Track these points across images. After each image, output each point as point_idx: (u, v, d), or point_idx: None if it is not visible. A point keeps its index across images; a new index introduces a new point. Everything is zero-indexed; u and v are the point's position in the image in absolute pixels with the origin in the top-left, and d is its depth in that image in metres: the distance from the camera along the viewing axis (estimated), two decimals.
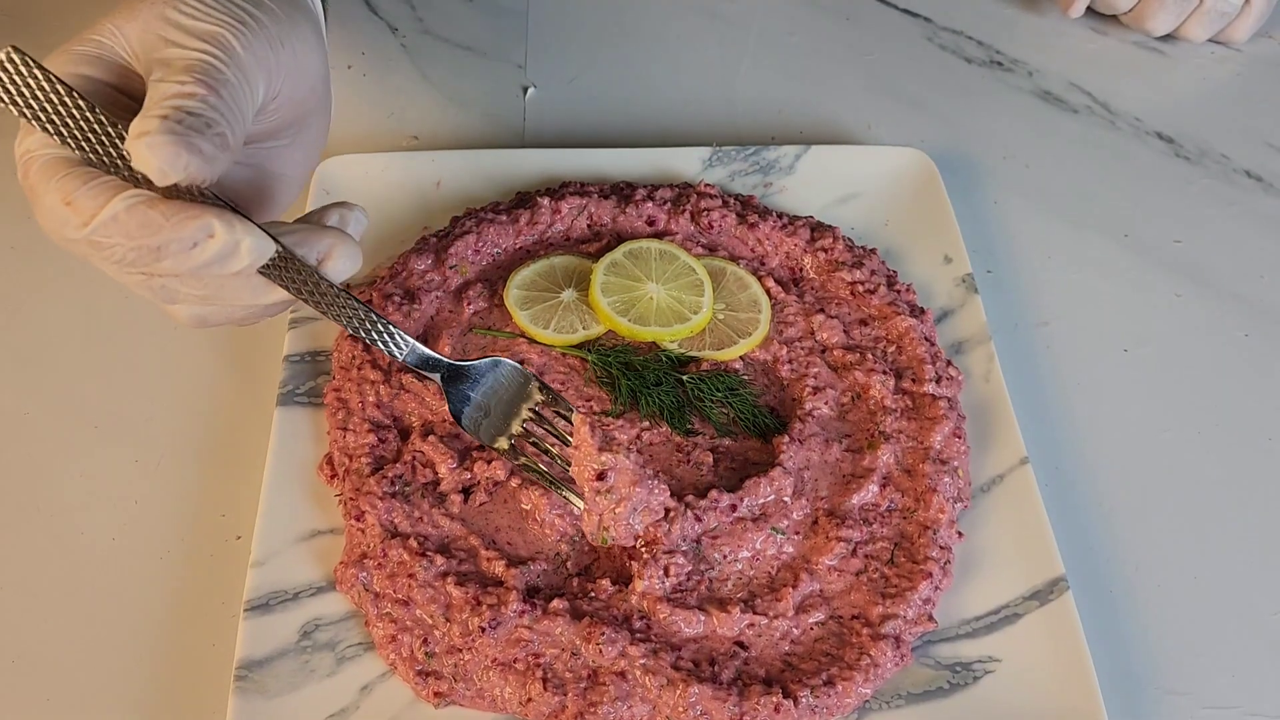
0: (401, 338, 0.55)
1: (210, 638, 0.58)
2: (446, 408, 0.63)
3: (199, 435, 0.65)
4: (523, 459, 0.59)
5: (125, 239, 0.46)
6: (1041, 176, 0.81)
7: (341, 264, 0.51)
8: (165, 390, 0.67)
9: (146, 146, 0.44)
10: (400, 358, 0.56)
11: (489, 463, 0.61)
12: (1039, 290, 0.74)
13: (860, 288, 0.69)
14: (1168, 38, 0.91)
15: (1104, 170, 0.82)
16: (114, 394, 0.67)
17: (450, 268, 0.69)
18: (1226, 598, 0.61)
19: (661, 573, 0.57)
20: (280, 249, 0.49)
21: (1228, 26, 0.90)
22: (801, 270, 0.71)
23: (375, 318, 0.54)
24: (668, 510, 0.58)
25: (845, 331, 0.68)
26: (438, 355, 0.58)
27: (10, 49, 0.46)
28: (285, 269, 0.50)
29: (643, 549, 0.58)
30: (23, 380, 0.67)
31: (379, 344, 0.55)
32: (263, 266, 0.49)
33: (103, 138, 0.47)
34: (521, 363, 0.65)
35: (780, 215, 0.73)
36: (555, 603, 0.56)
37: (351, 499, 0.59)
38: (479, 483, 0.60)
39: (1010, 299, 0.74)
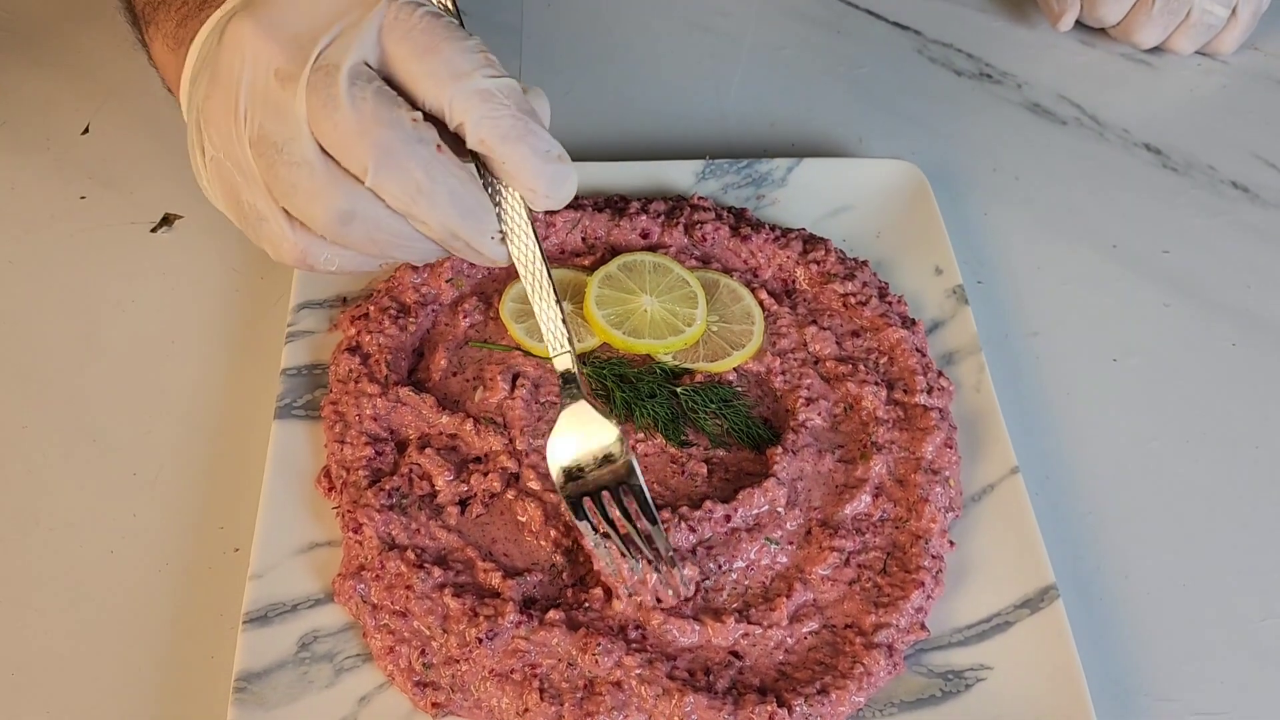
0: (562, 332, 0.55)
1: (209, 649, 0.58)
2: (443, 419, 0.64)
3: (197, 448, 0.65)
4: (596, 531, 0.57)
5: (449, 204, 0.49)
6: (1031, 188, 0.82)
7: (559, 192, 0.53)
8: (163, 404, 0.67)
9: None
10: (553, 354, 0.56)
11: (485, 475, 0.61)
12: (1029, 301, 0.75)
13: (852, 299, 0.70)
14: (1155, 50, 0.92)
15: (1092, 181, 0.83)
16: (112, 407, 0.67)
17: (446, 281, 0.69)
18: (1216, 605, 0.62)
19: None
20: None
21: (1214, 39, 0.91)
22: (794, 282, 0.72)
23: (559, 309, 0.55)
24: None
25: (837, 343, 0.68)
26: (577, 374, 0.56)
27: None
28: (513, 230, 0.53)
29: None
30: (21, 394, 0.68)
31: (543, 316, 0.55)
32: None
33: None
34: (515, 376, 0.66)
35: (773, 228, 0.74)
36: (551, 613, 0.56)
37: (349, 511, 0.60)
38: (475, 495, 0.61)
39: (1000, 310, 0.74)
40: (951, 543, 0.61)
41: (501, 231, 0.52)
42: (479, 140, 0.50)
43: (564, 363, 0.57)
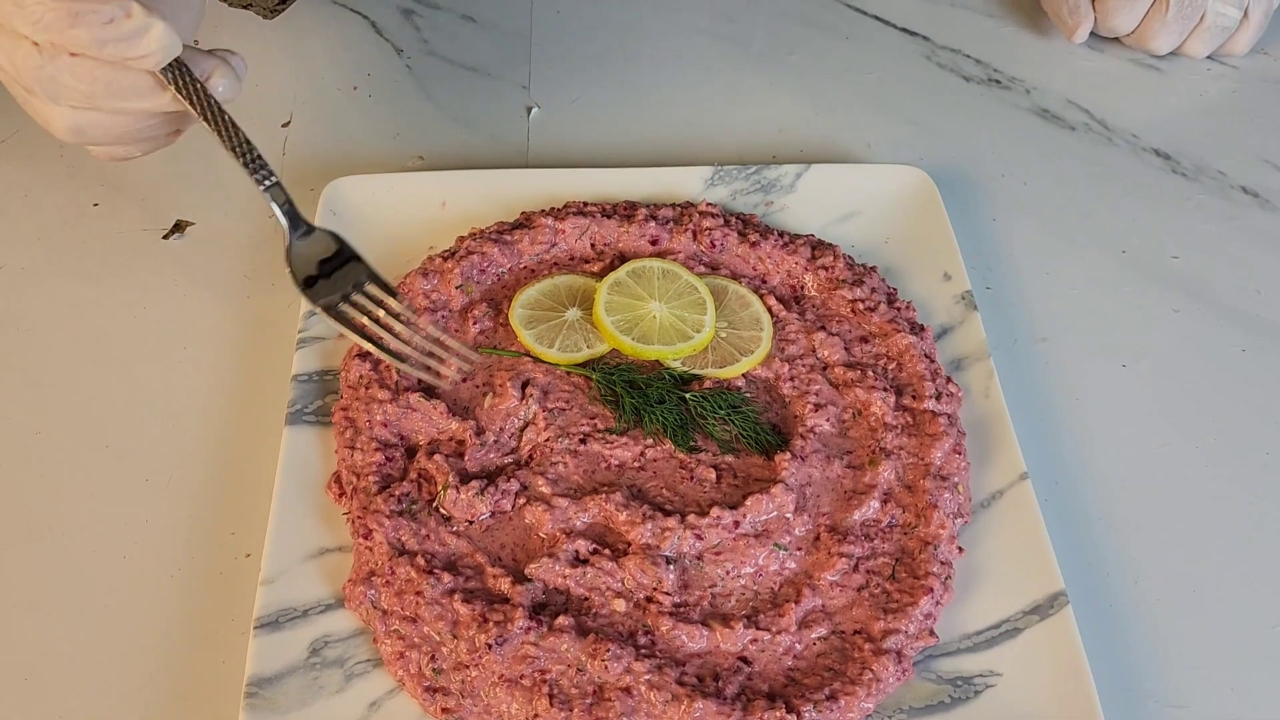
0: (268, 171, 0.61)
1: (221, 655, 0.58)
2: (453, 425, 0.64)
3: (208, 454, 0.66)
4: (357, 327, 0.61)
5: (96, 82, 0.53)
6: (1039, 193, 0.82)
7: (225, 82, 0.59)
8: (175, 410, 0.68)
9: None
10: (262, 187, 0.60)
11: (496, 486, 0.62)
12: (1037, 306, 0.75)
13: (861, 305, 0.70)
14: (1166, 54, 0.92)
15: (1101, 187, 0.83)
16: (124, 413, 0.68)
17: (456, 287, 0.70)
18: (1226, 611, 0.62)
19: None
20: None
21: (1228, 41, 0.91)
22: (802, 288, 0.72)
23: (248, 143, 0.60)
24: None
25: (846, 349, 0.69)
26: (292, 203, 0.62)
27: None
28: (178, 75, 0.56)
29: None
30: (34, 400, 0.68)
31: (247, 168, 0.60)
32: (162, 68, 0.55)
33: None
34: (525, 382, 0.66)
35: (781, 234, 0.74)
36: (561, 619, 0.56)
37: (359, 517, 0.60)
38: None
39: (1009, 315, 0.74)
40: (960, 549, 0.61)
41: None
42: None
43: (277, 195, 0.61)
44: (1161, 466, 0.68)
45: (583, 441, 0.64)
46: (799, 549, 0.61)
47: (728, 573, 0.60)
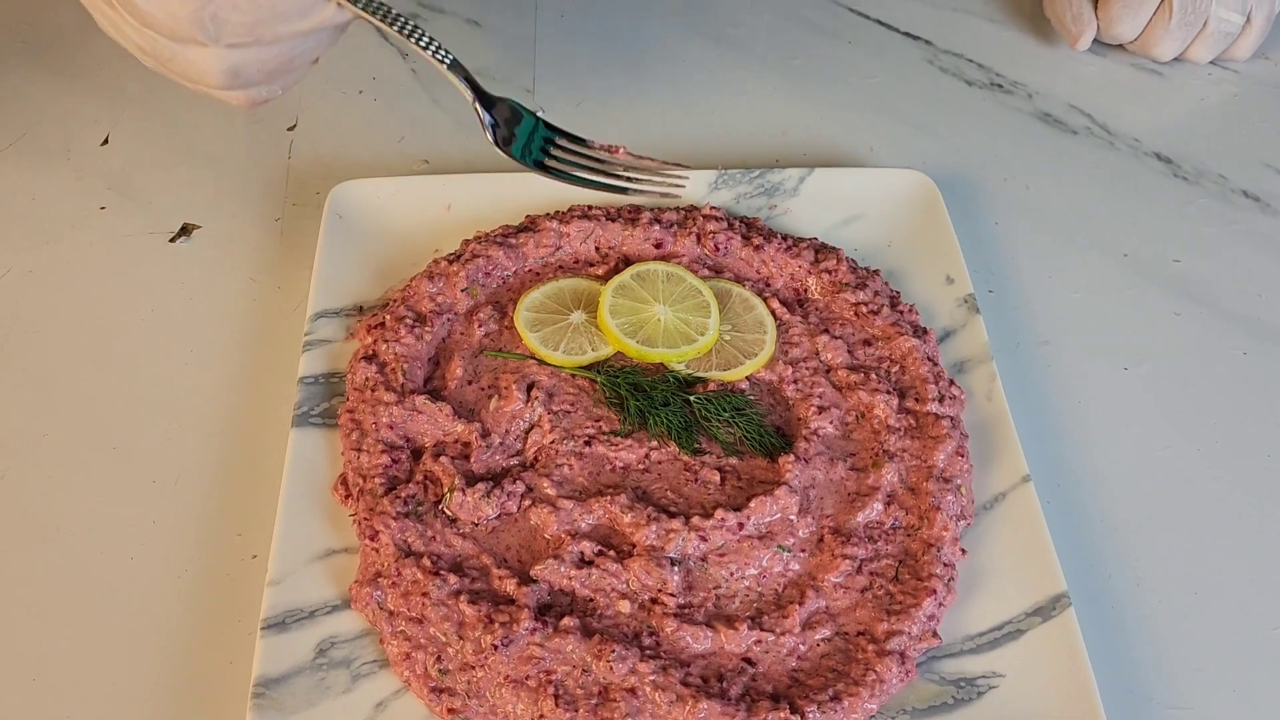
0: (445, 51, 0.64)
1: (228, 655, 0.59)
2: (458, 427, 0.64)
3: (215, 456, 0.66)
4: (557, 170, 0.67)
5: None
6: (1041, 197, 0.83)
7: None
8: (182, 412, 0.68)
9: None
10: (445, 64, 0.64)
11: (502, 488, 0.62)
12: (1040, 310, 0.75)
13: (864, 309, 0.70)
14: (1169, 60, 0.92)
15: (1103, 191, 0.83)
16: (131, 415, 0.68)
17: (462, 290, 0.70)
18: (1228, 613, 0.62)
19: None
20: None
21: (1230, 46, 0.91)
22: (806, 291, 0.73)
23: (417, 29, 0.62)
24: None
25: (849, 352, 0.69)
26: (472, 77, 0.65)
27: None
28: None
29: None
30: (41, 402, 0.69)
31: (426, 51, 0.63)
32: None
33: None
34: (531, 385, 0.66)
35: (784, 237, 0.74)
36: (566, 620, 0.57)
37: (365, 519, 0.61)
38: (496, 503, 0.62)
39: (1011, 319, 0.75)
40: (964, 550, 0.61)
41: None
42: None
43: (457, 70, 0.65)
44: (1163, 469, 0.68)
45: (588, 444, 0.64)
46: (803, 551, 0.61)
47: (732, 574, 0.60)
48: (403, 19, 0.61)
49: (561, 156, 0.69)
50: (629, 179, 0.71)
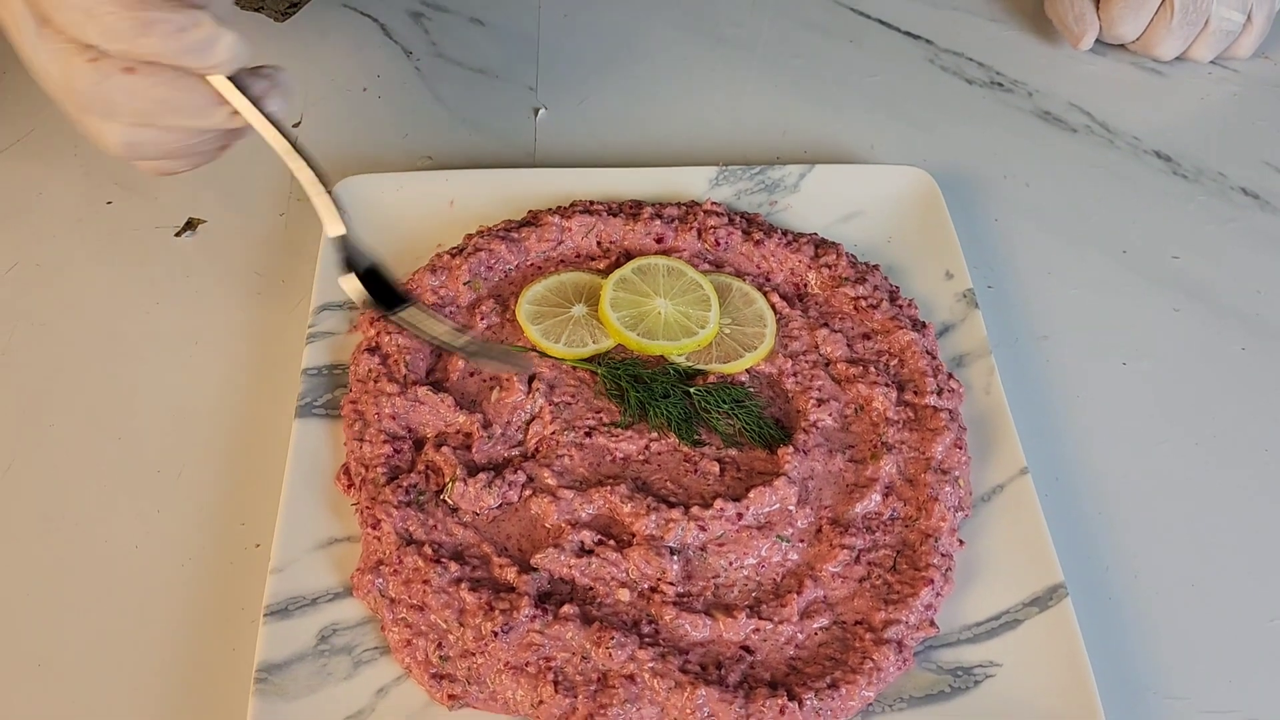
0: (327, 183, 0.61)
1: (231, 642, 0.59)
2: (460, 418, 0.65)
3: (219, 447, 0.67)
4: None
5: (123, 8, 0.52)
6: (1041, 194, 0.83)
7: (279, 102, 0.59)
8: (186, 403, 0.69)
9: None
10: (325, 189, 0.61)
11: (503, 478, 0.62)
12: (1039, 305, 0.76)
13: (863, 303, 0.71)
14: (1170, 59, 0.93)
15: (1102, 188, 0.84)
16: (136, 407, 0.69)
17: (465, 284, 0.71)
18: (1224, 605, 0.62)
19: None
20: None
21: (1231, 45, 0.92)
22: (806, 286, 0.73)
23: (309, 155, 0.60)
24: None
25: (848, 345, 0.69)
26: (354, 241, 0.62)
27: None
28: (238, 86, 0.57)
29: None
30: (48, 393, 0.69)
31: (318, 176, 0.60)
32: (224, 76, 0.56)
33: None
34: (532, 377, 0.67)
35: (785, 233, 0.75)
36: (566, 608, 0.57)
37: (367, 508, 0.61)
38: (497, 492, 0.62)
39: (1011, 314, 0.75)
40: (961, 541, 0.62)
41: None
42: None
43: (336, 229, 0.62)
44: (1161, 463, 0.68)
45: (588, 435, 0.65)
46: (801, 541, 0.61)
47: (731, 563, 0.60)
48: (294, 135, 0.60)
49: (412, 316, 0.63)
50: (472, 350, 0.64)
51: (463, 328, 0.65)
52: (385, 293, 0.62)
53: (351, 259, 0.62)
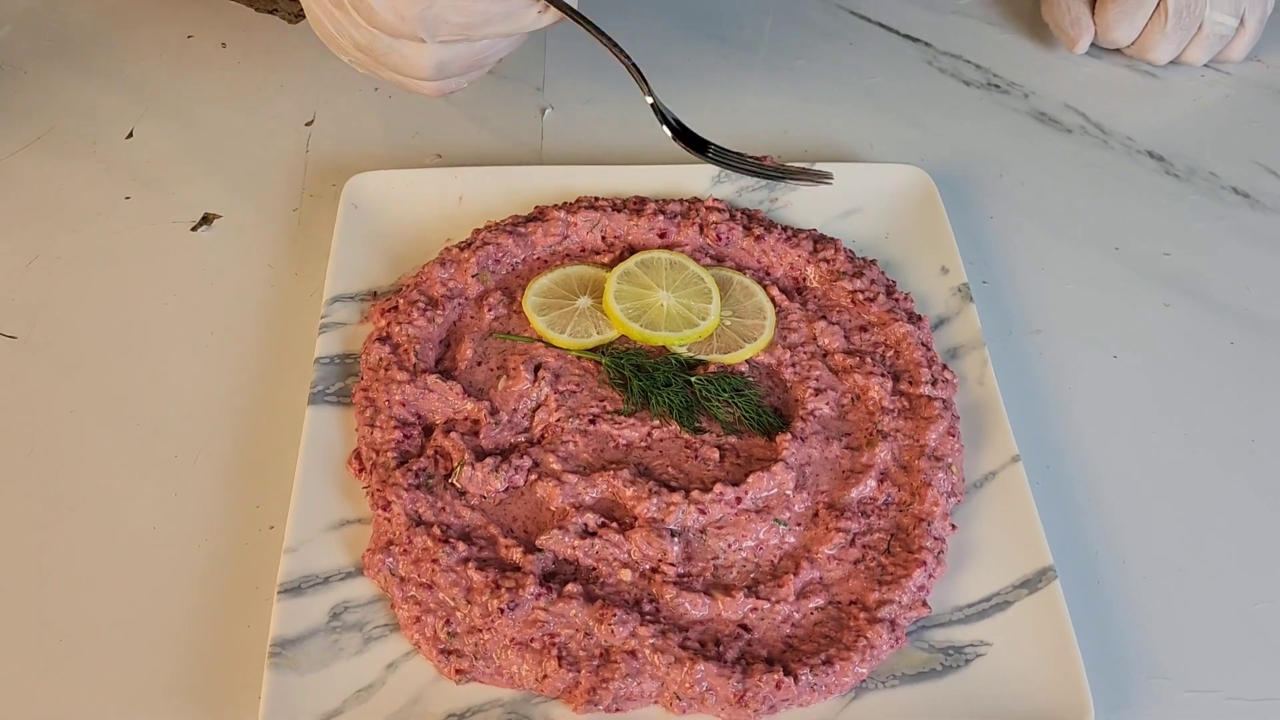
0: (642, 80, 0.71)
1: (246, 619, 0.61)
2: (468, 405, 0.67)
3: (234, 433, 0.69)
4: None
5: None
6: (1036, 193, 0.85)
7: None
8: (202, 391, 0.71)
9: None
10: (629, 63, 0.70)
11: (509, 463, 0.64)
12: (1032, 300, 0.78)
13: (860, 296, 0.73)
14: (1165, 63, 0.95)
15: (1096, 187, 0.86)
16: (154, 395, 0.71)
17: (472, 276, 0.73)
18: (1210, 590, 0.64)
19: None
20: None
21: (1225, 48, 0.94)
22: (804, 280, 0.75)
23: (619, 47, 0.70)
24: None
25: (846, 337, 0.71)
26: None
27: None
28: None
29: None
30: (69, 381, 0.71)
31: (627, 67, 0.70)
32: None
33: None
34: (538, 366, 0.69)
35: (784, 228, 0.77)
36: (570, 587, 0.59)
37: (378, 490, 0.63)
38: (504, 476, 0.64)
39: (1005, 308, 0.77)
40: (954, 526, 0.64)
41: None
42: None
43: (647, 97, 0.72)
44: (1151, 453, 0.70)
45: (592, 422, 0.67)
46: (798, 524, 0.63)
47: (729, 545, 0.62)
48: (594, 24, 0.67)
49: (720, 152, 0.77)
50: (780, 173, 0.78)
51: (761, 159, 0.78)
52: (693, 139, 0.77)
53: (664, 117, 0.75)
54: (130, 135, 0.87)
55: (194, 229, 0.80)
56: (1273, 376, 0.74)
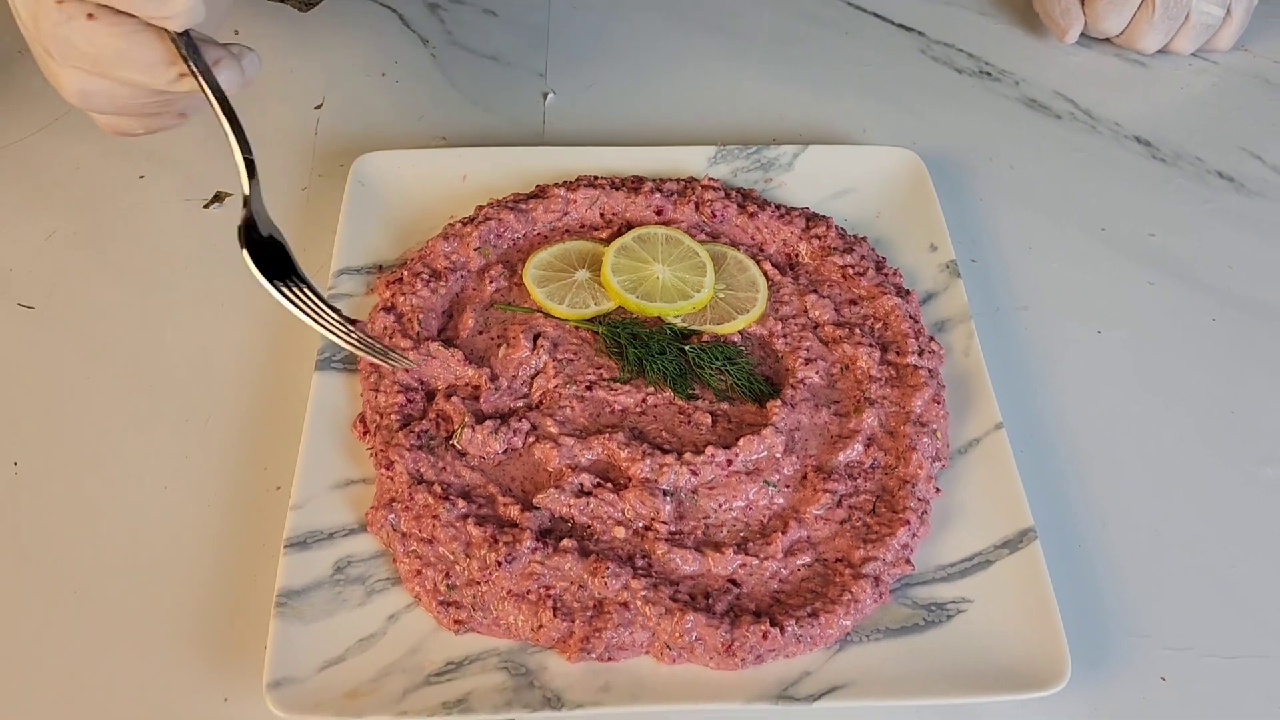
0: (251, 165, 0.62)
1: (253, 574, 0.63)
2: (469, 372, 0.69)
3: (244, 398, 0.71)
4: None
5: (118, 61, 0.55)
6: (1025, 177, 0.87)
7: (229, 74, 0.60)
8: (213, 358, 0.73)
9: None
10: (246, 176, 0.62)
11: (509, 425, 0.67)
12: (1019, 278, 0.80)
13: (850, 270, 0.75)
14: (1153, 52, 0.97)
15: (1084, 171, 0.88)
16: (167, 362, 0.73)
17: (475, 250, 0.75)
18: (1187, 553, 0.66)
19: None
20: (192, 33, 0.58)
21: (1212, 37, 0.96)
22: (797, 256, 0.77)
23: (237, 122, 0.61)
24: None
25: (836, 310, 0.73)
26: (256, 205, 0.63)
27: None
28: (190, 52, 0.58)
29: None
30: (85, 350, 0.74)
31: (242, 149, 0.61)
32: (177, 34, 0.57)
33: None
34: (536, 335, 0.71)
35: (778, 206, 0.79)
36: (565, 541, 0.61)
37: (381, 450, 0.65)
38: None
39: (992, 286, 0.79)
40: (938, 489, 0.66)
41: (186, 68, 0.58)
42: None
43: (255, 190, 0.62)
44: (1132, 423, 0.72)
45: (589, 388, 0.69)
46: (787, 486, 0.65)
47: (720, 505, 0.64)
48: (233, 112, 0.61)
49: (304, 297, 0.65)
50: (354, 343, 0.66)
51: (348, 321, 0.65)
52: (278, 266, 0.65)
53: (253, 224, 0.64)
54: None
55: (206, 206, 0.83)
56: (1253, 351, 0.76)
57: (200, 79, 0.59)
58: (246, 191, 0.63)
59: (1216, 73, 0.96)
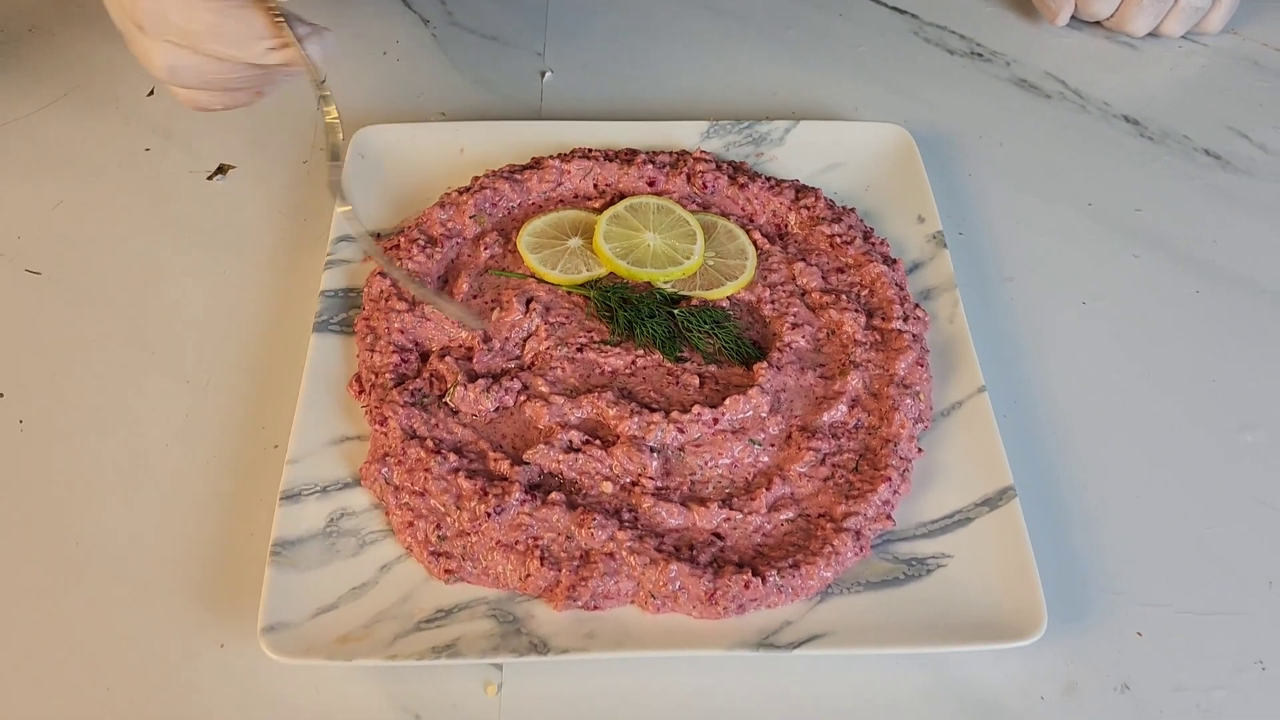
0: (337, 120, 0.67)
1: (249, 528, 0.65)
2: (463, 334, 0.71)
3: (242, 359, 0.73)
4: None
5: (211, 36, 0.57)
6: (1014, 153, 0.89)
7: (318, 47, 0.63)
8: (213, 320, 0.75)
9: None
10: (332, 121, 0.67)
11: (500, 384, 0.68)
12: (1006, 250, 0.81)
13: (838, 239, 0.76)
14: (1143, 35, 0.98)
15: (1072, 148, 0.89)
16: (169, 324, 0.75)
17: (470, 217, 0.77)
18: (1165, 515, 0.67)
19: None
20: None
21: (1201, 20, 0.97)
22: (786, 226, 0.79)
23: (329, 96, 0.66)
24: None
25: (823, 277, 0.75)
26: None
27: None
28: (286, 21, 0.61)
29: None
30: (91, 315, 0.76)
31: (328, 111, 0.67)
32: (277, 7, 0.59)
33: None
34: (529, 299, 0.73)
35: (768, 178, 0.80)
36: (554, 494, 0.63)
37: (376, 408, 0.67)
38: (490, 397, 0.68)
39: (979, 257, 0.81)
40: (920, 449, 0.67)
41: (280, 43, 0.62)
42: None
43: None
44: (1114, 390, 0.73)
45: (580, 350, 0.70)
46: (772, 445, 0.67)
47: (706, 463, 0.66)
48: (324, 82, 0.66)
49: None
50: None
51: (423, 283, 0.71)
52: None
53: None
54: (151, 93, 0.91)
55: (209, 178, 0.85)
56: (1234, 323, 0.77)
57: (303, 48, 0.62)
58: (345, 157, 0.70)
59: (1206, 55, 0.98)
